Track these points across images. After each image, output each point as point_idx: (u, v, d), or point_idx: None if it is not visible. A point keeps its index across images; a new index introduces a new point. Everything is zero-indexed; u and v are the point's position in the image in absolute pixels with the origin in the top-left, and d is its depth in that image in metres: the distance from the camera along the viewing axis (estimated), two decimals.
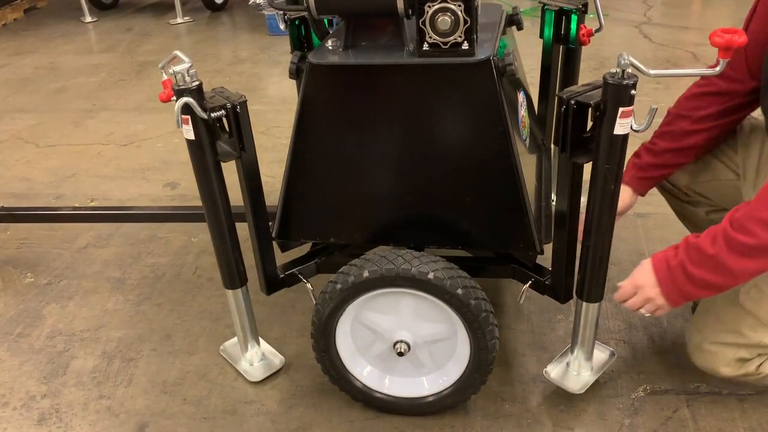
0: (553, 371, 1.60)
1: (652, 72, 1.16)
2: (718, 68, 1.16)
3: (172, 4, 5.41)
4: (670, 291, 1.32)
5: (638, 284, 1.37)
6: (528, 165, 1.54)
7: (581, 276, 1.41)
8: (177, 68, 1.26)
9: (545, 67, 2.01)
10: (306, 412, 1.59)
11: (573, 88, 1.27)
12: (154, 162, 2.97)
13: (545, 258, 1.47)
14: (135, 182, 2.80)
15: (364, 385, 1.53)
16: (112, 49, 4.78)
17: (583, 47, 1.97)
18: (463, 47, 1.22)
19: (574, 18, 1.87)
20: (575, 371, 1.59)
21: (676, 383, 1.61)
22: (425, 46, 1.23)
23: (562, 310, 1.83)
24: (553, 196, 2.32)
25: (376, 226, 1.46)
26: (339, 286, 1.38)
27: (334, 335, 1.47)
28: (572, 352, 1.58)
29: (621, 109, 1.16)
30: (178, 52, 1.30)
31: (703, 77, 1.57)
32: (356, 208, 1.45)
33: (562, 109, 1.25)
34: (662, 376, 1.63)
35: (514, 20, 1.64)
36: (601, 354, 1.65)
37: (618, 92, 1.16)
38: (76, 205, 2.62)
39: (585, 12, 1.87)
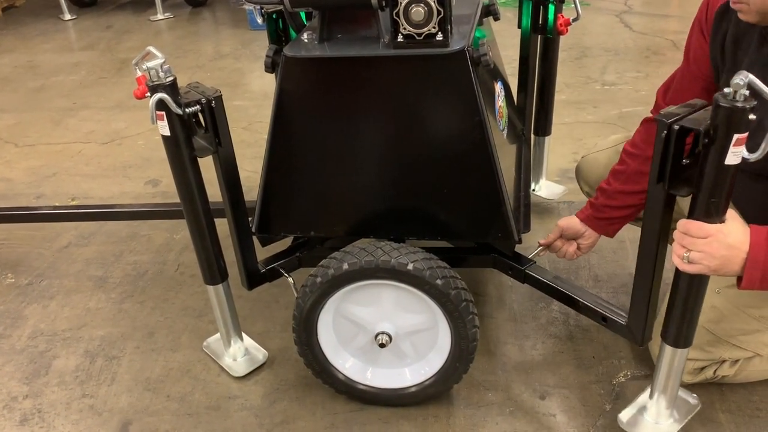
0: (627, 418, 1.44)
1: None
2: None
3: (152, 0, 5.36)
4: (756, 266, 1.11)
5: (718, 235, 1.09)
6: (507, 155, 1.54)
7: (669, 317, 1.26)
8: (150, 64, 1.25)
9: (524, 57, 2.03)
10: (290, 406, 1.59)
11: (671, 109, 1.10)
12: (136, 159, 2.95)
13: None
14: (116, 180, 2.78)
15: (347, 377, 1.53)
16: (92, 47, 4.73)
17: (565, 37, 1.98)
18: (437, 38, 1.21)
19: (551, 8, 1.88)
20: (653, 419, 1.42)
21: None
22: (400, 38, 1.22)
23: (544, 299, 1.84)
24: (533, 186, 2.34)
25: (356, 219, 1.46)
26: (319, 279, 1.38)
27: (316, 328, 1.47)
28: (651, 397, 1.41)
29: (736, 137, 1.01)
30: (151, 48, 1.29)
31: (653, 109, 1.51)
32: (335, 201, 1.45)
33: (663, 134, 1.08)
34: (643, 362, 1.64)
35: (490, 11, 1.64)
36: (683, 400, 1.48)
37: (733, 116, 0.99)
38: (57, 204, 2.59)
39: (562, 1, 1.88)
